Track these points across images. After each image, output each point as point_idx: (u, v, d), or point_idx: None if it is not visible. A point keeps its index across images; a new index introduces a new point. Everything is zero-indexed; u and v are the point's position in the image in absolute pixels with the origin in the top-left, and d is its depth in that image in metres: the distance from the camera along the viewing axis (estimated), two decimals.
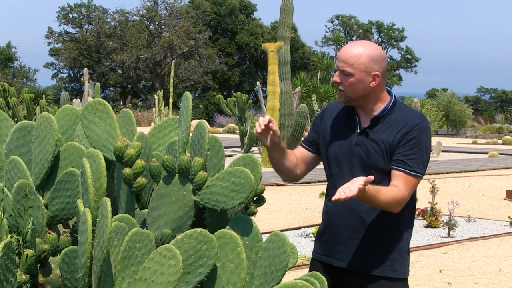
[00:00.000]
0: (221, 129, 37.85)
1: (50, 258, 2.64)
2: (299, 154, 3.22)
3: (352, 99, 3.03)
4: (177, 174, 2.71)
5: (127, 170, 2.65)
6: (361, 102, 3.04)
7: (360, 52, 2.98)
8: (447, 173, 17.34)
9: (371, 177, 2.75)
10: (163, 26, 51.15)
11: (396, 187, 2.93)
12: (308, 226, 9.27)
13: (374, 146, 3.00)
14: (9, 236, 2.49)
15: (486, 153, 24.06)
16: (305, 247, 8.06)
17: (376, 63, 3.00)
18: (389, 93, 3.10)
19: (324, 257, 3.16)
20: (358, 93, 3.01)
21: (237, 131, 27.61)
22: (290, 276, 5.03)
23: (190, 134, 2.73)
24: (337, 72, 3.01)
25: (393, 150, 2.99)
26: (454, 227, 9.00)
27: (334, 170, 3.10)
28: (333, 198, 2.75)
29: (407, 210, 3.06)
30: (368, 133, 3.03)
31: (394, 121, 3.02)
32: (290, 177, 3.21)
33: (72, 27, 52.24)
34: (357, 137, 3.04)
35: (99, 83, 19.56)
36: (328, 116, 3.18)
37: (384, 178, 2.98)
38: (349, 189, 2.70)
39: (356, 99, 3.03)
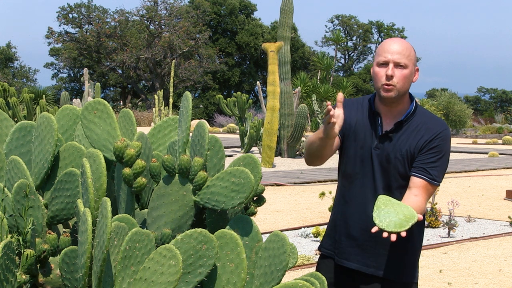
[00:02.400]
0: (221, 129, 37.85)
1: (50, 258, 2.64)
2: None
3: (400, 94, 2.95)
4: (177, 174, 2.71)
5: (127, 170, 2.65)
6: (400, 100, 2.98)
7: (409, 45, 2.95)
8: (447, 173, 17.33)
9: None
10: (163, 26, 51.14)
11: (417, 197, 2.90)
12: (308, 226, 9.25)
13: (395, 152, 2.96)
14: (9, 236, 2.49)
15: (486, 153, 24.06)
16: (305, 247, 8.06)
17: (416, 57, 3.00)
18: (410, 96, 3.05)
19: (336, 256, 3.13)
20: (406, 88, 2.96)
21: (237, 131, 27.62)
22: (290, 276, 5.03)
23: (190, 134, 2.73)
24: (390, 66, 2.90)
25: (414, 156, 2.95)
26: (454, 227, 9.00)
27: (355, 170, 3.04)
28: (373, 230, 2.73)
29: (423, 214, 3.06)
30: (391, 138, 2.98)
31: (417, 127, 2.98)
32: (323, 161, 3.12)
33: (72, 27, 52.24)
34: (378, 141, 2.99)
35: (99, 83, 19.53)
36: (348, 113, 3.03)
37: (405, 184, 2.96)
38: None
39: (402, 95, 2.97)
